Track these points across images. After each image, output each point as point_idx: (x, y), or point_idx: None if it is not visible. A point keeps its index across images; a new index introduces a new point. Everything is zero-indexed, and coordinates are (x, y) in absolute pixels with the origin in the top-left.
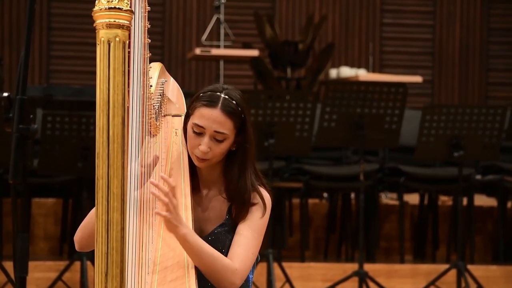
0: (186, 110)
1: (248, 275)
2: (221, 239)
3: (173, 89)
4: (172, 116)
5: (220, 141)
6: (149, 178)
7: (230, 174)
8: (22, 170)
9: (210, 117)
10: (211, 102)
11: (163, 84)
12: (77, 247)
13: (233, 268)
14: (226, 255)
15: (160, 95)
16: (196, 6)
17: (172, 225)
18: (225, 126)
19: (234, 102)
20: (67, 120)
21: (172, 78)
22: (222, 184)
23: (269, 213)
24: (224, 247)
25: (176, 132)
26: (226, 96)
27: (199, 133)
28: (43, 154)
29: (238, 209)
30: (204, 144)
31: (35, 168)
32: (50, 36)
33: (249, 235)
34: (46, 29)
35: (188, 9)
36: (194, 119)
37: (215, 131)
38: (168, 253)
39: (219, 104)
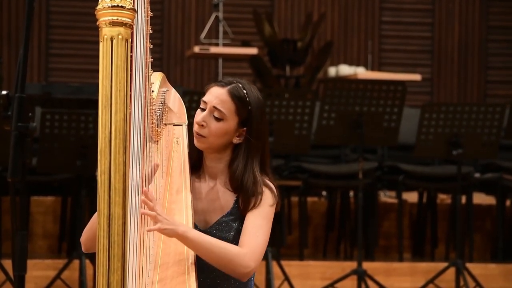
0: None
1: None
2: (226, 228)
3: (175, 99)
4: (174, 125)
5: (217, 119)
6: (150, 183)
7: (235, 166)
8: (21, 168)
9: (214, 93)
10: (223, 83)
11: (164, 93)
12: (83, 249)
13: (243, 252)
14: (232, 243)
15: (162, 103)
16: (195, 4)
17: (168, 231)
18: (225, 105)
19: (244, 91)
20: (66, 118)
21: (173, 89)
22: (227, 176)
23: (276, 202)
24: (229, 235)
25: (177, 141)
26: (240, 85)
27: (203, 109)
28: (42, 152)
29: (246, 200)
30: (200, 116)
31: (34, 166)
32: (49, 34)
33: (257, 221)
34: (45, 27)
35: (187, 7)
36: (204, 96)
37: (214, 107)
38: (168, 253)
39: (229, 86)
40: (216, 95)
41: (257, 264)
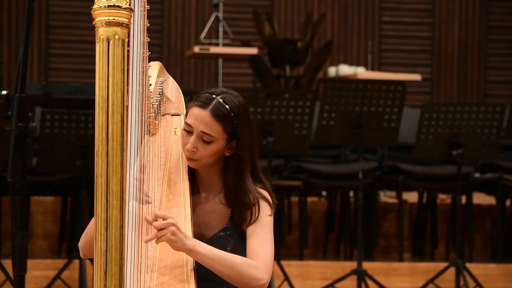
0: (185, 110)
1: None
2: (223, 243)
3: (172, 88)
4: (171, 115)
5: (207, 143)
6: (148, 182)
7: (227, 180)
8: (21, 168)
9: (198, 117)
10: (203, 103)
11: (162, 83)
12: (81, 254)
13: (255, 263)
14: None
15: (159, 94)
16: (195, 4)
17: (177, 245)
18: (212, 128)
19: (227, 106)
20: (66, 118)
21: (171, 77)
22: (221, 188)
23: (273, 210)
24: (226, 251)
25: (175, 131)
26: (221, 100)
27: (189, 132)
28: (42, 152)
29: (241, 214)
30: (189, 143)
31: (34, 166)
32: (48, 34)
33: (260, 231)
34: (45, 27)
35: (187, 7)
36: (186, 118)
37: (202, 132)
38: (167, 255)
39: (210, 107)
40: (200, 120)
41: (270, 276)
